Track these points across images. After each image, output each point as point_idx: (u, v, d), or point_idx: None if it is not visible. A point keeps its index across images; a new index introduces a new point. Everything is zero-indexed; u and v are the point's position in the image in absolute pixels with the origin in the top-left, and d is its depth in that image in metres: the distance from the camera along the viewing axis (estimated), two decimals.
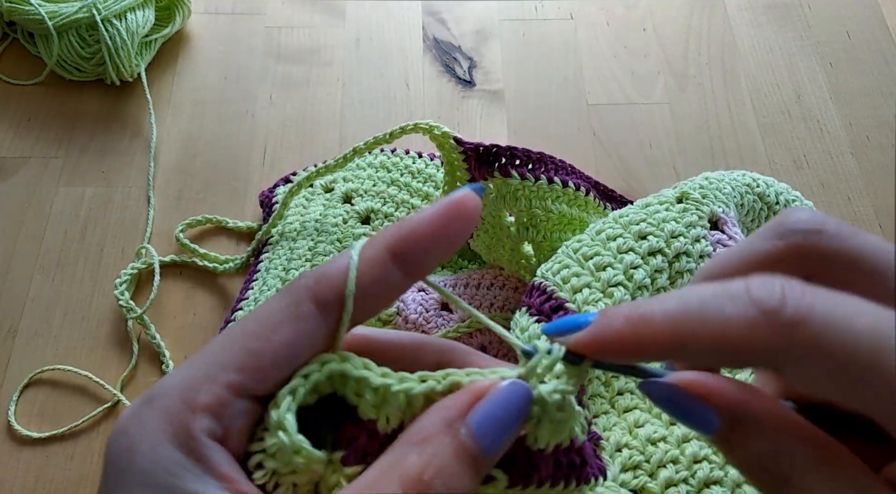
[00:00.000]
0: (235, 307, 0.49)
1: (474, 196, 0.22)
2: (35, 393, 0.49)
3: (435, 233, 0.22)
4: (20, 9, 0.59)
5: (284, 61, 0.65)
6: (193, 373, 0.20)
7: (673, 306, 0.20)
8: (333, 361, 0.21)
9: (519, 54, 0.66)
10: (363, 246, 0.22)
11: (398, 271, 0.21)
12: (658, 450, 0.36)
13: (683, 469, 0.36)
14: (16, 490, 0.45)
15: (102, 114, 0.61)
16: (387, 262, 0.21)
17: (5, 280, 0.53)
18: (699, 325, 0.19)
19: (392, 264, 0.21)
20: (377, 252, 0.21)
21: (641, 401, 0.39)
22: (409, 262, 0.21)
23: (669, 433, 0.37)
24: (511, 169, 0.44)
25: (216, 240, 0.55)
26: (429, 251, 0.22)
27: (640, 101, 0.63)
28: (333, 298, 0.21)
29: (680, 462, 0.36)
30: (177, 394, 0.20)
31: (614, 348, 0.20)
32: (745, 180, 0.45)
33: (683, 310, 0.19)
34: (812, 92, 0.64)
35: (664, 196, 0.43)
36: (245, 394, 0.20)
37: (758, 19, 0.68)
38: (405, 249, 0.21)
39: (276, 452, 0.20)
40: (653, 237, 0.41)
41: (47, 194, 0.57)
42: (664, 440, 0.37)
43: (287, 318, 0.21)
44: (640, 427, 0.38)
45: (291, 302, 0.21)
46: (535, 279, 0.41)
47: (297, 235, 0.52)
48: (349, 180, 0.55)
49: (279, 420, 0.20)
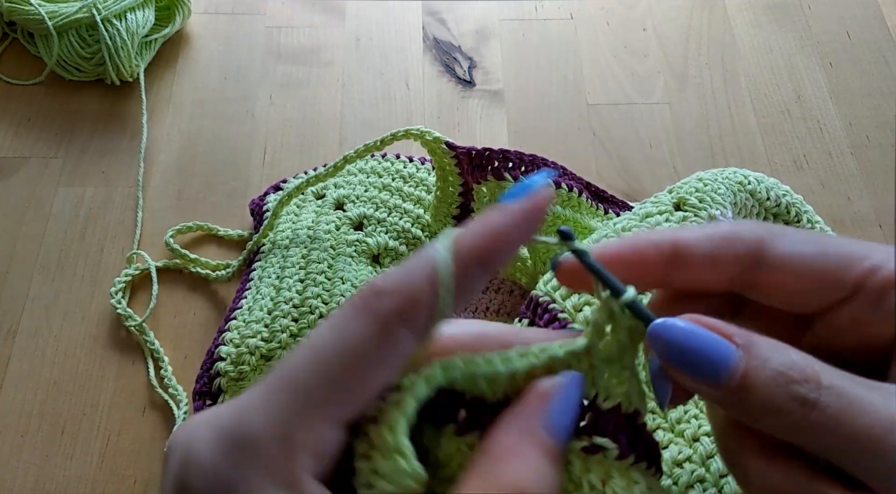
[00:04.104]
0: (229, 316, 0.48)
1: (549, 189, 0.22)
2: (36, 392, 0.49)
3: (518, 232, 0.21)
4: (20, 9, 0.59)
5: (284, 61, 0.65)
6: (289, 413, 0.19)
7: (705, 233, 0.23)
8: (437, 375, 0.21)
9: (519, 54, 0.66)
10: (449, 255, 0.20)
11: (483, 275, 0.21)
12: (684, 472, 0.36)
13: (711, 486, 0.36)
14: (16, 490, 0.45)
15: (102, 114, 0.61)
16: (476, 272, 0.21)
17: (5, 280, 0.53)
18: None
19: (479, 272, 0.21)
20: (466, 264, 0.21)
21: (664, 421, 0.39)
22: (492, 265, 0.21)
23: (694, 452, 0.37)
24: (504, 172, 0.44)
25: (207, 246, 0.55)
26: (511, 250, 0.22)
27: (640, 101, 0.63)
28: (426, 323, 0.20)
29: (707, 480, 0.36)
30: (277, 438, 0.19)
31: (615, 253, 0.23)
32: (736, 178, 0.45)
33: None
34: (812, 92, 0.64)
35: (662, 203, 0.43)
36: (339, 426, 0.20)
37: (758, 19, 0.68)
38: (492, 255, 0.21)
39: (389, 474, 0.19)
40: None
41: (47, 194, 0.57)
42: (689, 460, 0.37)
43: (384, 349, 0.20)
44: (664, 449, 0.37)
45: (383, 331, 0.20)
46: (537, 293, 0.41)
47: (289, 243, 0.51)
48: (340, 186, 0.54)
49: (398, 447, 0.19)
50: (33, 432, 0.47)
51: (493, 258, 0.21)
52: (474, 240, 0.21)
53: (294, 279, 0.48)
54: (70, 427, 0.47)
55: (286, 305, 0.46)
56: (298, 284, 0.47)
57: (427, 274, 0.20)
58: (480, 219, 0.21)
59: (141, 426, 0.47)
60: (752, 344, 0.20)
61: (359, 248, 0.50)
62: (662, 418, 0.39)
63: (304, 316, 0.46)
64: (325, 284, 0.47)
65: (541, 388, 0.21)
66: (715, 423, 0.24)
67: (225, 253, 0.55)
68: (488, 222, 0.21)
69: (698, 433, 0.38)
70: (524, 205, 0.21)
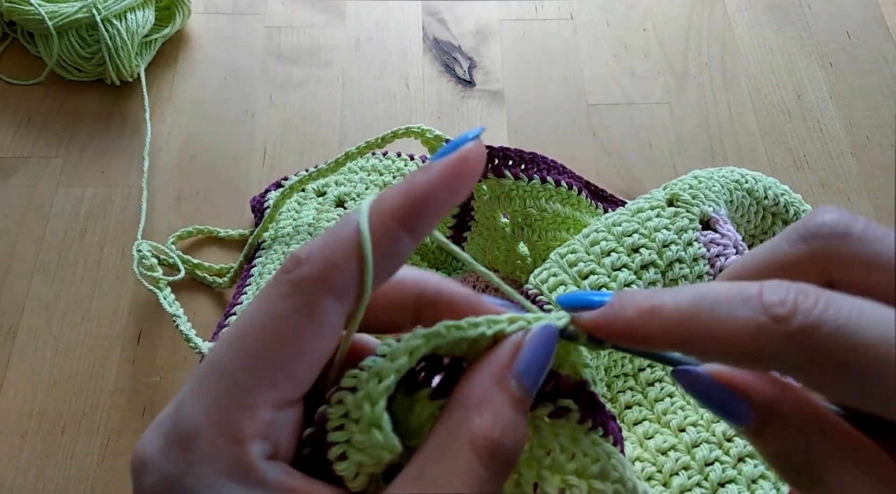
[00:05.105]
0: (229, 312, 0.48)
1: (479, 145, 0.21)
2: (35, 392, 0.49)
3: (444, 192, 0.20)
4: (20, 9, 0.59)
5: (284, 61, 0.65)
6: (223, 403, 0.19)
7: (686, 302, 0.20)
8: (421, 346, 0.20)
9: (519, 54, 0.66)
10: (368, 215, 0.19)
11: (408, 238, 0.20)
12: (669, 459, 0.37)
13: (696, 474, 0.36)
14: (16, 490, 0.45)
15: (102, 114, 0.61)
16: (398, 233, 0.20)
17: (5, 280, 0.53)
18: (709, 325, 0.19)
19: (402, 233, 0.20)
20: (386, 223, 0.19)
21: (650, 413, 0.39)
22: (416, 226, 0.20)
23: (679, 440, 0.38)
24: (504, 169, 0.44)
25: (208, 248, 0.55)
26: (437, 212, 0.20)
27: (640, 101, 0.63)
28: (349, 288, 0.19)
29: (692, 468, 0.36)
30: (216, 431, 0.18)
31: (621, 335, 0.21)
32: (733, 177, 0.45)
33: (695, 308, 0.19)
34: (812, 92, 0.64)
35: (655, 199, 0.43)
36: (285, 405, 0.19)
37: (758, 19, 0.68)
38: (413, 215, 0.20)
39: (366, 447, 0.19)
40: (645, 250, 0.41)
41: (47, 194, 0.57)
42: (674, 448, 0.37)
43: (307, 320, 0.19)
44: (650, 439, 0.38)
45: (304, 301, 0.19)
46: (527, 287, 0.41)
47: (290, 239, 0.51)
48: (341, 184, 0.54)
49: (376, 420, 0.19)
50: (33, 432, 0.47)
51: (417, 219, 0.20)
52: (395, 200, 0.20)
53: None
54: (70, 428, 0.47)
55: None
56: None
57: (345, 238, 0.19)
58: (405, 179, 0.20)
59: (141, 426, 0.47)
60: (771, 416, 0.20)
61: None
62: (649, 409, 0.40)
63: None
64: None
65: (514, 339, 0.21)
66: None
67: (226, 253, 0.55)
68: (412, 181, 0.20)
69: (684, 423, 0.38)
70: (449, 164, 0.20)
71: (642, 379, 0.41)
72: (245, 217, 0.56)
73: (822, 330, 0.18)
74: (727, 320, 0.19)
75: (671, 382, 0.40)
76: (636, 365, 0.41)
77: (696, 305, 0.19)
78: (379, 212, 0.20)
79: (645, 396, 0.41)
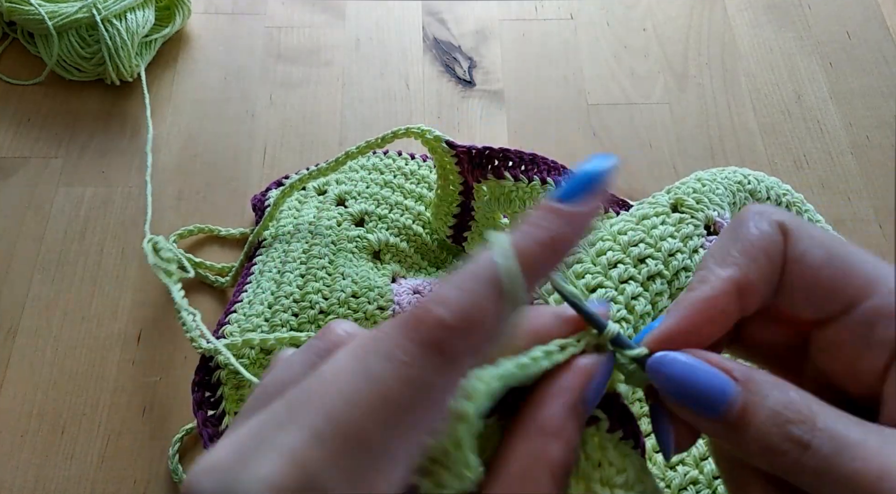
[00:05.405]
0: (229, 309, 0.48)
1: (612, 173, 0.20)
2: (34, 390, 0.49)
3: (575, 240, 0.20)
4: (20, 9, 0.59)
5: (284, 61, 0.65)
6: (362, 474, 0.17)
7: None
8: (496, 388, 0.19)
9: (519, 54, 0.66)
10: (513, 264, 0.18)
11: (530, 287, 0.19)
12: (677, 474, 0.36)
13: (704, 488, 0.36)
14: (16, 490, 0.45)
15: (102, 114, 0.61)
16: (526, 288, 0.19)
17: (5, 280, 0.53)
18: None
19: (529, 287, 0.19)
20: (531, 274, 0.19)
21: None
22: (541, 277, 0.19)
23: (687, 454, 0.37)
24: (504, 171, 0.44)
25: (209, 247, 0.55)
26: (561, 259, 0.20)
27: (640, 101, 0.63)
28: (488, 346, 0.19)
29: (700, 482, 0.36)
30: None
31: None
32: (735, 178, 0.45)
33: None
34: (812, 92, 0.64)
35: (659, 204, 0.43)
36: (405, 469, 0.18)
37: (758, 19, 0.68)
38: (549, 267, 0.19)
39: (456, 487, 0.18)
40: (651, 260, 0.40)
41: (47, 194, 0.57)
42: (682, 462, 0.37)
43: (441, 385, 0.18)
44: (657, 452, 0.38)
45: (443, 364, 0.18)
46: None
47: (290, 238, 0.51)
48: (342, 182, 0.54)
49: (466, 462, 0.18)
50: (33, 432, 0.47)
51: (545, 271, 0.19)
52: (529, 249, 0.18)
53: (295, 274, 0.48)
54: (70, 428, 0.47)
55: (286, 300, 0.46)
56: (299, 279, 0.48)
57: (492, 296, 0.18)
58: (538, 223, 0.19)
59: (141, 426, 0.47)
60: (752, 380, 0.20)
61: (360, 244, 0.50)
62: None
63: (304, 310, 0.46)
64: (326, 280, 0.47)
65: (581, 366, 0.21)
66: (720, 454, 0.24)
67: (227, 252, 0.55)
68: (548, 229, 0.19)
69: None
70: (584, 214, 0.19)
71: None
72: (245, 216, 0.56)
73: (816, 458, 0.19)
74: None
75: None
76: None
77: None
78: (524, 262, 0.18)
79: None
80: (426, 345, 0.17)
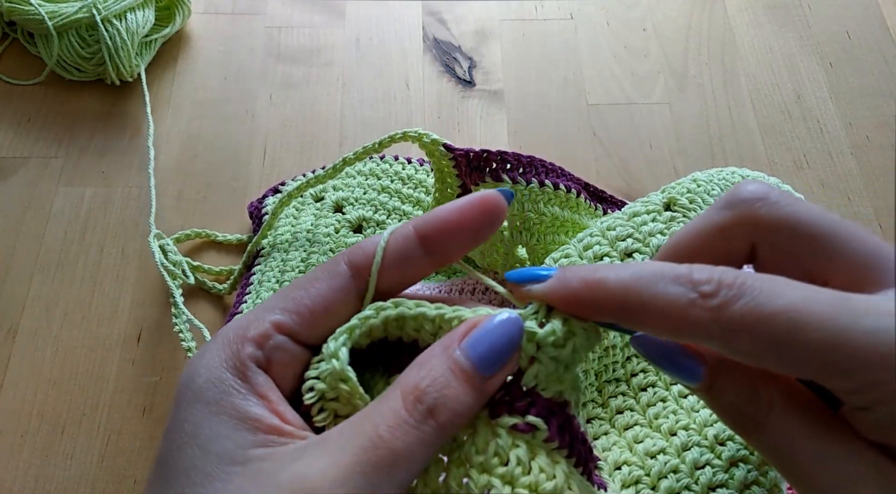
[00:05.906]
0: (229, 320, 0.48)
1: (502, 199, 0.25)
2: (36, 390, 0.49)
3: (459, 223, 0.25)
4: (20, 9, 0.59)
5: (284, 61, 0.65)
6: (248, 316, 0.25)
7: (627, 276, 0.22)
8: (388, 308, 0.24)
9: (519, 54, 0.66)
10: (395, 227, 0.26)
11: (421, 250, 0.25)
12: (657, 463, 0.36)
13: (685, 477, 0.36)
14: (16, 490, 0.45)
15: (102, 114, 0.61)
16: (413, 240, 0.25)
17: (5, 280, 0.53)
18: (647, 297, 0.22)
19: (417, 243, 0.25)
20: (405, 231, 0.25)
21: (641, 417, 0.39)
22: (432, 245, 0.25)
23: (669, 444, 0.37)
24: (502, 173, 0.44)
25: (207, 251, 0.55)
26: (452, 238, 0.25)
27: (640, 101, 0.63)
28: (364, 262, 0.25)
29: (681, 471, 0.36)
30: (233, 330, 0.24)
31: (569, 304, 0.23)
32: (733, 178, 0.45)
33: (635, 282, 0.22)
34: (812, 92, 0.64)
35: (652, 203, 0.43)
36: (285, 331, 0.24)
37: (758, 19, 0.68)
38: (430, 233, 0.25)
39: (326, 377, 0.23)
40: (638, 255, 0.41)
41: (47, 194, 0.57)
42: (664, 452, 0.37)
43: (324, 276, 0.25)
44: (639, 443, 0.38)
45: (330, 264, 0.25)
46: None
47: (288, 246, 0.51)
48: (339, 189, 0.54)
49: (333, 350, 0.23)
50: (33, 432, 0.47)
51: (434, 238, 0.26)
52: (417, 219, 0.26)
53: None
54: (70, 428, 0.47)
55: None
56: None
57: (376, 237, 0.26)
58: (435, 208, 0.26)
59: (141, 426, 0.47)
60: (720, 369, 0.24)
61: None
62: (641, 414, 0.39)
63: None
64: None
65: (472, 320, 0.24)
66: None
67: (225, 258, 0.55)
68: (436, 210, 0.26)
69: (676, 427, 0.38)
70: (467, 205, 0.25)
71: (634, 384, 0.41)
72: (245, 217, 0.56)
73: (740, 302, 0.21)
74: (662, 294, 0.22)
75: (664, 387, 0.40)
76: (628, 370, 0.41)
77: (636, 280, 0.22)
78: (403, 224, 0.26)
79: (637, 401, 0.40)
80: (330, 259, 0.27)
